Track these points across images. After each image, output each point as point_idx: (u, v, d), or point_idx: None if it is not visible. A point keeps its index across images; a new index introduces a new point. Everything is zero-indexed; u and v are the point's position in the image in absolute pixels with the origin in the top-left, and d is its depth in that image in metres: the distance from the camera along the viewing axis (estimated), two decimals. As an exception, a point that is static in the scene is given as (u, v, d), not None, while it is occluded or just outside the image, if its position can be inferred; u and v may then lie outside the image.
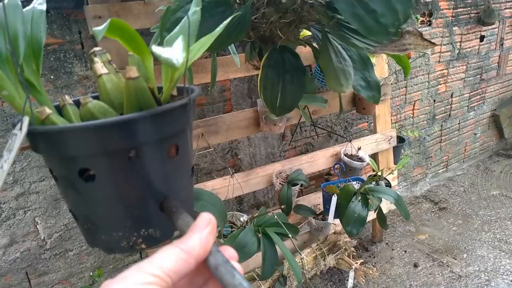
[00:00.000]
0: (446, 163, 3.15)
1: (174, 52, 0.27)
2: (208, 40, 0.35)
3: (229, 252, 0.30)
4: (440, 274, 2.10)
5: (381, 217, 1.72)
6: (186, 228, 0.29)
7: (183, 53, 0.27)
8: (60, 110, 0.37)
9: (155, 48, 0.28)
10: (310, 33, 0.84)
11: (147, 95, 0.32)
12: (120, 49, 1.30)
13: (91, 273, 1.64)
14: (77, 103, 0.38)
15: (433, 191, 2.97)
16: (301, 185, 1.75)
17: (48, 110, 0.33)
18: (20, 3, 0.38)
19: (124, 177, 0.33)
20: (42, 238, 1.54)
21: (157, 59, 0.30)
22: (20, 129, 0.31)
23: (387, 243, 2.40)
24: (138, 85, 0.32)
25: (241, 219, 1.49)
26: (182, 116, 0.35)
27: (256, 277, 1.79)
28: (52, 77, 1.43)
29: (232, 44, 1.18)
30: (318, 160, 1.89)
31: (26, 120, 0.31)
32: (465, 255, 2.23)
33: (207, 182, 1.60)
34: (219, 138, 1.61)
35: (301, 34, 0.86)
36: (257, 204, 2.15)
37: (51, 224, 1.54)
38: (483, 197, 2.83)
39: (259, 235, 1.39)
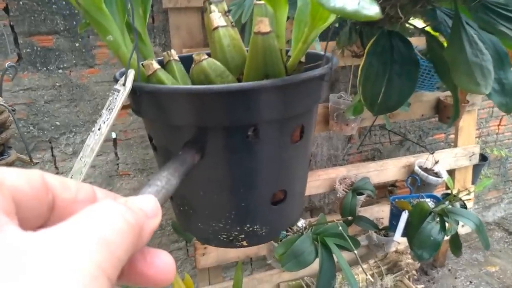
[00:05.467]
0: (526, 189, 2.80)
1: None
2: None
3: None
4: (511, 315, 1.85)
5: (456, 243, 1.52)
6: None
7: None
8: (163, 66, 0.30)
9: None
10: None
11: (277, 58, 0.22)
12: (191, 27, 1.21)
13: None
14: (184, 60, 0.31)
15: (507, 219, 2.66)
16: (367, 195, 1.59)
17: (155, 65, 0.27)
18: None
19: (237, 159, 0.26)
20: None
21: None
22: (124, 84, 0.24)
23: (449, 270, 2.17)
24: (269, 43, 0.22)
25: (299, 224, 1.36)
26: (315, 91, 0.26)
27: (305, 286, 1.66)
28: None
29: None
30: (388, 170, 1.71)
31: (131, 74, 0.25)
32: (542, 298, 1.95)
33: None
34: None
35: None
36: (311, 208, 2.01)
37: (103, 200, 1.51)
38: None
39: (317, 244, 1.26)
